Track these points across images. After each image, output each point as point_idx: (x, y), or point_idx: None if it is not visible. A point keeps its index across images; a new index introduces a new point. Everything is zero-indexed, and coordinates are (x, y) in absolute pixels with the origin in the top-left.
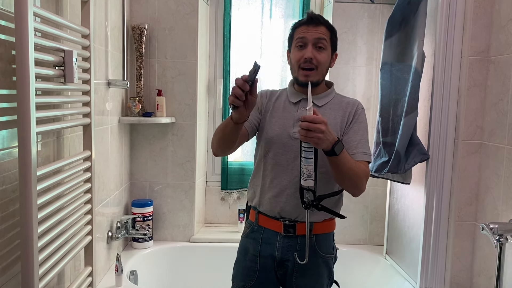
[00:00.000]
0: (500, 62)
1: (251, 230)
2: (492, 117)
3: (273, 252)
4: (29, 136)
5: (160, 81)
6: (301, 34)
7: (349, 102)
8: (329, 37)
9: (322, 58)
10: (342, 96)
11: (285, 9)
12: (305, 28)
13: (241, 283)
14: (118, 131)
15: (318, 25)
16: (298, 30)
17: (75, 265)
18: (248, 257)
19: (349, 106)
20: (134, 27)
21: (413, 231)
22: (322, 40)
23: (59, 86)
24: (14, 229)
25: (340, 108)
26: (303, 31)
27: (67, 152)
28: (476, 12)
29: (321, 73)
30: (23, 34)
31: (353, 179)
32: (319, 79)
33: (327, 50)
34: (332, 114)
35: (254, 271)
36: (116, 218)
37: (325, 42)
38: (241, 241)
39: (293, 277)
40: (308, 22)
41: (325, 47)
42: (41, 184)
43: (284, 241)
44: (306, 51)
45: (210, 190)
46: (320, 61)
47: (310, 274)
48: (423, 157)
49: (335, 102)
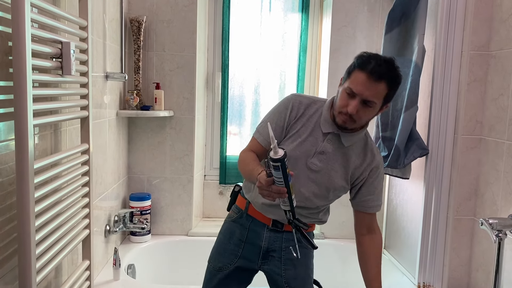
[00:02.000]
0: (501, 57)
1: (239, 216)
2: (492, 112)
3: (260, 242)
4: (26, 128)
5: (158, 74)
6: (355, 85)
7: (375, 158)
8: (383, 96)
9: (365, 115)
10: (371, 140)
11: (284, 2)
12: (365, 78)
13: (218, 265)
14: (116, 124)
15: (378, 81)
16: (356, 74)
17: (73, 259)
18: (232, 240)
19: (374, 162)
20: (132, 19)
21: (411, 226)
22: (372, 101)
23: (57, 78)
24: (11, 223)
25: (362, 154)
26: (359, 81)
27: (65, 145)
28: (477, 6)
29: (359, 125)
30: (19, 25)
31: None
32: (355, 127)
33: (375, 108)
34: (352, 157)
35: (236, 255)
36: (114, 212)
37: (375, 102)
38: (226, 225)
39: (281, 270)
40: (371, 73)
41: (373, 105)
42: (38, 177)
43: (271, 233)
44: (351, 104)
45: (208, 184)
46: (361, 118)
47: (299, 264)
48: (422, 152)
49: (361, 144)
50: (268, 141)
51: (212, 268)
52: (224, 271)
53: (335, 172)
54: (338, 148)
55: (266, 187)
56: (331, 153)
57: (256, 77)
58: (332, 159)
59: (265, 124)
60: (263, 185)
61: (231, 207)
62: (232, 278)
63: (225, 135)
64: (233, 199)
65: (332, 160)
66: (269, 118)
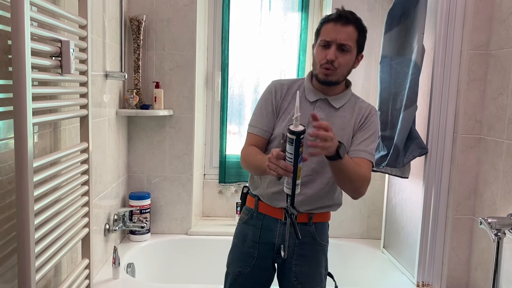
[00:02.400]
0: (500, 56)
1: (250, 217)
2: (492, 111)
3: (273, 239)
4: (25, 127)
5: (158, 73)
6: (326, 34)
7: (362, 106)
8: (355, 39)
9: (344, 61)
10: (357, 98)
11: (284, 1)
12: (333, 26)
13: (238, 269)
14: (115, 123)
15: (346, 25)
16: (325, 27)
17: (72, 258)
18: (246, 243)
19: (363, 110)
20: (132, 18)
21: (410, 225)
22: (346, 44)
23: (56, 77)
24: (11, 221)
25: (354, 111)
26: (329, 30)
27: (64, 144)
28: (476, 6)
29: (341, 74)
30: (19, 23)
31: (354, 183)
32: (338, 79)
33: (351, 52)
34: (346, 118)
35: (253, 257)
36: (114, 210)
37: (350, 45)
38: (239, 228)
39: (292, 265)
40: (337, 19)
41: (349, 49)
42: (37, 176)
43: (284, 228)
44: (329, 52)
45: (208, 183)
46: (341, 64)
47: (310, 261)
48: (421, 151)
49: (351, 104)
50: (264, 130)
51: (232, 273)
52: (244, 274)
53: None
54: (330, 113)
55: (275, 160)
56: (324, 119)
57: (256, 76)
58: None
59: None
60: (273, 157)
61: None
62: (254, 280)
63: (224, 134)
64: (243, 201)
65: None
66: (257, 109)
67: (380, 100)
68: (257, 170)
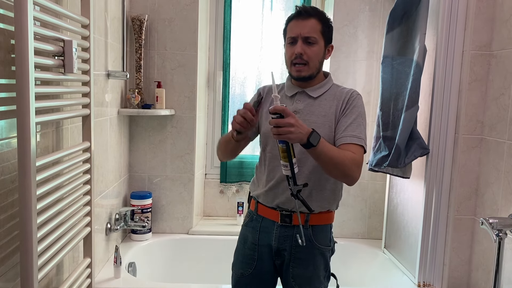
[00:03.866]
0: (502, 57)
1: (250, 219)
2: (493, 111)
3: (270, 241)
4: (28, 126)
5: (160, 72)
6: (291, 31)
7: (343, 91)
8: (319, 30)
9: (313, 53)
10: (339, 86)
11: (285, 1)
12: (295, 22)
13: (240, 271)
14: (117, 123)
15: (307, 18)
16: (289, 25)
17: (74, 256)
18: (247, 245)
19: (343, 95)
20: (134, 18)
21: (411, 225)
22: (311, 36)
23: (59, 76)
24: (13, 220)
25: (335, 98)
26: (293, 27)
27: (66, 143)
28: (478, 6)
29: (313, 67)
30: (22, 23)
31: (339, 167)
32: (312, 73)
33: (318, 44)
34: (327, 105)
35: (253, 259)
36: (115, 210)
37: (315, 37)
38: (241, 230)
39: (289, 267)
40: (297, 16)
41: (315, 41)
42: (40, 175)
43: (281, 230)
44: (296, 47)
45: (209, 183)
46: (310, 56)
47: (306, 264)
48: (423, 151)
49: (331, 93)
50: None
51: (235, 274)
52: (246, 276)
53: (314, 123)
54: (309, 102)
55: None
56: (303, 109)
57: (257, 76)
58: (307, 114)
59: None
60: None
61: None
62: (256, 282)
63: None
64: (249, 205)
65: (307, 115)
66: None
67: (382, 100)
68: (226, 143)
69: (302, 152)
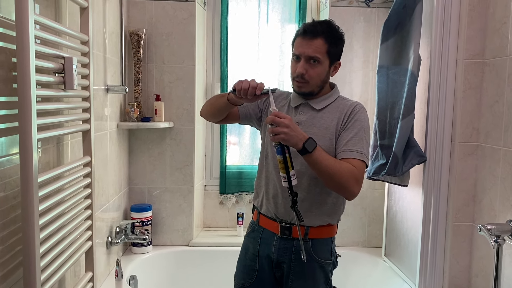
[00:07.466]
0: (495, 65)
1: (252, 230)
2: (488, 119)
3: (270, 253)
4: (30, 142)
5: (158, 86)
6: (296, 48)
7: (346, 104)
8: (325, 51)
9: (315, 73)
10: (344, 99)
11: (281, 13)
12: (300, 40)
13: (241, 282)
14: (116, 136)
15: (313, 38)
16: (296, 41)
17: (76, 271)
18: (248, 256)
19: (346, 108)
20: (131, 32)
21: (411, 233)
22: (315, 57)
23: (59, 93)
24: (16, 235)
25: (337, 111)
26: (298, 45)
27: (67, 158)
28: (470, 15)
29: (314, 86)
30: (24, 41)
31: (335, 178)
32: (312, 90)
33: (322, 64)
34: (329, 118)
35: (254, 270)
36: (116, 223)
37: (319, 57)
38: (244, 241)
39: (289, 280)
40: (303, 34)
41: (319, 61)
42: (42, 191)
43: (281, 243)
44: (299, 66)
45: (209, 194)
46: (312, 76)
47: (306, 278)
48: (420, 159)
49: (335, 105)
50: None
51: (237, 285)
52: (247, 287)
53: (315, 135)
54: (311, 115)
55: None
56: (305, 121)
57: None
58: (309, 126)
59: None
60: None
61: None
62: None
63: (224, 145)
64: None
65: (309, 127)
66: None
67: (378, 109)
68: (217, 98)
69: (301, 164)
